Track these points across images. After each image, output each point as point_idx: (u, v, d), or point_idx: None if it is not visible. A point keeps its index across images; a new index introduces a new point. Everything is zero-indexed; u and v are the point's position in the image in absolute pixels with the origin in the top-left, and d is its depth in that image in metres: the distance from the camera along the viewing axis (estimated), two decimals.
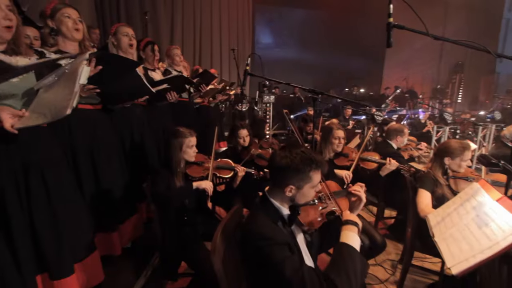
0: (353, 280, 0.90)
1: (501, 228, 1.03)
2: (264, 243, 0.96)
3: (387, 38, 1.41)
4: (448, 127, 4.79)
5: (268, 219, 1.05)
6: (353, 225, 1.05)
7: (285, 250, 0.97)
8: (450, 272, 1.91)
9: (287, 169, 1.04)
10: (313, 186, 1.08)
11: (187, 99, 2.91)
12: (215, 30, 7.06)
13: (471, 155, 1.88)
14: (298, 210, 1.11)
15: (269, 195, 1.12)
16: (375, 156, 2.28)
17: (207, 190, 1.78)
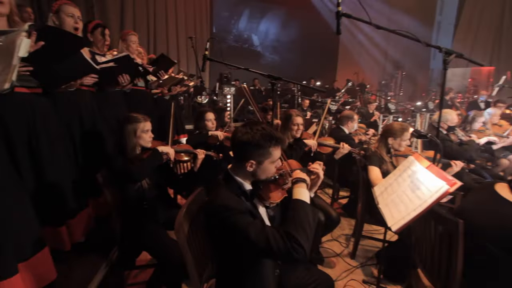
0: (308, 230, 1.00)
1: (429, 189, 1.22)
2: (228, 213, 1.01)
3: (336, 26, 1.53)
4: (392, 115, 5.36)
5: (231, 193, 1.09)
6: (301, 182, 1.13)
7: (248, 217, 1.03)
8: (392, 239, 2.18)
9: (248, 144, 1.08)
10: (273, 161, 1.13)
11: (143, 87, 2.76)
12: (170, 16, 6.71)
13: (409, 136, 2.15)
14: (259, 185, 1.17)
15: (231, 172, 1.16)
16: (330, 141, 2.46)
17: (169, 155, 1.78)
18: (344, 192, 3.48)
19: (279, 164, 1.17)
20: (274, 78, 1.82)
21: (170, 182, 1.96)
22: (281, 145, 1.13)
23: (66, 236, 1.71)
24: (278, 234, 0.98)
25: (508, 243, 1.06)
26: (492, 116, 3.99)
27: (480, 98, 6.58)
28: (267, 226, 1.03)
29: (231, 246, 1.06)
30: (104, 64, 1.95)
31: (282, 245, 0.95)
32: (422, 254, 1.48)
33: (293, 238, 0.96)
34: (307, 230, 0.99)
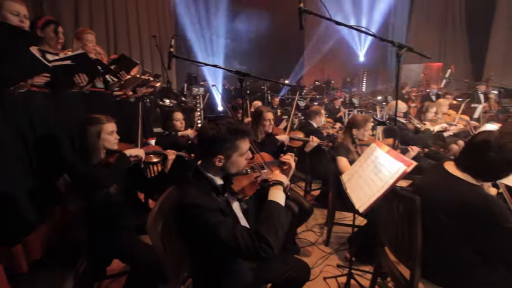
0: (279, 231, 1.02)
1: (389, 171, 1.32)
2: (198, 211, 1.00)
3: (299, 22, 1.59)
4: (356, 109, 5.67)
5: (200, 190, 1.08)
6: (278, 184, 1.16)
7: (218, 215, 1.03)
8: (362, 224, 2.31)
9: (214, 139, 1.08)
10: (241, 154, 1.14)
11: (103, 89, 2.61)
12: (131, 14, 6.37)
13: (371, 126, 2.30)
14: (231, 179, 1.17)
15: (201, 168, 1.15)
16: (300, 135, 2.55)
17: (139, 157, 1.70)
18: (317, 184, 3.62)
19: (249, 156, 1.18)
20: (242, 75, 1.84)
21: (140, 185, 1.88)
22: (248, 137, 1.14)
23: (22, 256, 1.55)
24: (247, 233, 0.99)
25: (457, 212, 1.18)
26: (442, 107, 4.41)
27: (432, 91, 7.23)
28: (237, 225, 1.04)
29: (203, 244, 1.05)
30: (57, 61, 1.80)
31: (251, 244, 0.97)
32: (387, 233, 1.60)
33: (262, 237, 0.98)
34: (278, 231, 1.01)
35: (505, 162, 1.13)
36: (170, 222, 1.22)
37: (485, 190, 1.29)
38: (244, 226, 1.08)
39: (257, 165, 1.25)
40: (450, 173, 1.27)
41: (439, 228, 1.27)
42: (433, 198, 1.28)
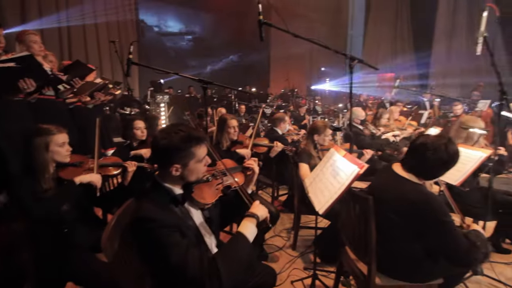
0: (236, 268, 1.01)
1: (345, 173, 1.42)
2: (151, 225, 0.96)
3: (259, 33, 1.65)
4: (319, 116, 5.95)
5: (156, 203, 1.04)
6: (252, 217, 1.13)
7: (173, 234, 0.98)
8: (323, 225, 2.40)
9: (167, 149, 1.05)
10: (198, 161, 1.10)
11: (53, 96, 2.40)
12: (88, 18, 6.00)
13: (331, 132, 2.44)
14: (191, 188, 1.14)
15: (158, 179, 1.11)
16: (265, 141, 2.60)
17: (94, 184, 1.57)
18: (284, 190, 3.70)
19: (208, 162, 1.16)
20: (205, 83, 1.84)
21: (96, 200, 1.76)
22: (203, 143, 1.12)
23: None
24: (199, 260, 0.97)
25: (403, 210, 1.30)
26: (394, 113, 4.82)
27: (386, 98, 7.88)
28: (192, 249, 1.00)
29: (154, 260, 1.00)
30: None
31: (198, 274, 0.95)
32: (347, 233, 1.69)
33: (215, 268, 0.96)
34: (234, 267, 1.00)
35: (440, 162, 1.28)
36: (129, 236, 1.16)
37: (427, 188, 1.44)
38: (199, 251, 1.02)
39: (219, 172, 1.25)
40: (397, 174, 1.40)
41: (391, 225, 1.38)
42: (384, 198, 1.39)
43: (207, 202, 1.18)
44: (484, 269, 2.10)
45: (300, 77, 11.90)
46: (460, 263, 1.34)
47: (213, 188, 1.22)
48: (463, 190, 2.03)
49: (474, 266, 1.35)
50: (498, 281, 2.04)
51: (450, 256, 1.31)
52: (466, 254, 1.26)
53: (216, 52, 9.70)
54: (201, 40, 10.07)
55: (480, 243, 1.32)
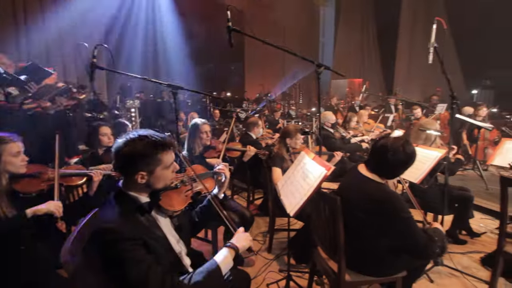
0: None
1: (314, 175, 1.47)
2: (113, 237, 0.92)
3: (228, 40, 1.67)
4: (293, 120, 6.09)
5: (119, 213, 1.00)
6: (232, 249, 1.12)
7: (136, 249, 0.95)
8: (298, 227, 2.45)
9: (131, 156, 1.02)
10: (166, 167, 1.07)
11: (4, 101, 2.21)
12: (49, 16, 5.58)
13: (303, 136, 2.51)
14: (158, 195, 1.11)
15: (123, 188, 1.07)
16: (238, 145, 2.61)
17: (54, 213, 1.43)
18: (259, 194, 3.73)
19: (176, 168, 1.13)
20: (175, 88, 1.82)
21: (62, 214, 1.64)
22: (170, 148, 1.09)
23: None
24: (161, 280, 0.94)
25: (368, 208, 1.38)
26: (363, 116, 5.08)
27: (356, 102, 8.27)
28: (156, 267, 0.96)
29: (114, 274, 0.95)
30: None
31: None
32: (319, 233, 1.74)
33: None
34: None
35: (399, 162, 1.38)
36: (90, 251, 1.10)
37: (390, 187, 1.54)
38: (164, 270, 0.99)
39: (188, 178, 1.23)
40: (362, 174, 1.48)
41: (358, 223, 1.45)
42: (351, 197, 1.46)
43: (175, 210, 1.15)
44: (444, 260, 2.28)
45: (275, 81, 12.13)
46: (419, 256, 1.44)
47: (182, 195, 1.19)
48: (423, 187, 2.19)
49: (431, 259, 1.45)
50: (456, 270, 2.21)
51: (410, 250, 1.41)
52: (424, 248, 1.36)
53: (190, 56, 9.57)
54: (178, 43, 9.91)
55: (437, 238, 1.43)
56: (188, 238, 1.34)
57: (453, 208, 2.54)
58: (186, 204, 1.19)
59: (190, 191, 1.21)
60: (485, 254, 2.39)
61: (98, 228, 0.96)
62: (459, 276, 2.17)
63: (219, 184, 1.39)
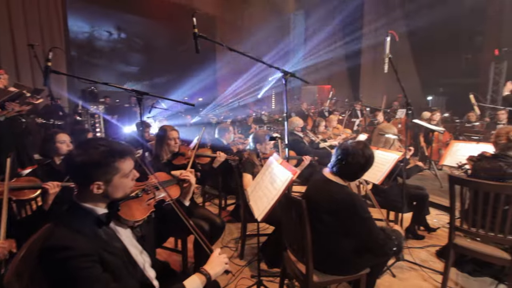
0: None
1: (281, 179, 1.50)
2: (64, 254, 0.86)
3: (195, 46, 1.67)
4: (265, 125, 6.18)
5: (72, 227, 0.94)
6: (204, 275, 1.09)
7: (91, 266, 0.89)
8: (269, 231, 2.47)
9: (85, 166, 0.97)
10: (124, 175, 1.03)
11: None
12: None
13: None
14: (117, 206, 1.06)
15: (77, 200, 1.01)
16: (208, 151, 2.58)
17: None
18: (232, 200, 3.70)
19: (136, 176, 1.09)
20: (140, 94, 1.77)
21: (9, 229, 1.50)
22: (128, 156, 1.05)
23: None
24: None
25: (332, 210, 1.44)
26: (332, 121, 5.30)
27: (325, 108, 8.62)
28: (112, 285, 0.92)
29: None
30: None
31: None
32: (288, 236, 1.78)
33: None
34: None
35: (359, 166, 1.47)
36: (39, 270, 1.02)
37: (352, 188, 1.62)
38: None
39: (150, 186, 1.19)
40: (326, 177, 1.54)
41: (323, 225, 1.50)
42: (316, 200, 1.52)
43: (137, 219, 1.10)
44: (405, 255, 2.44)
45: (249, 87, 12.25)
46: (377, 253, 1.52)
47: (144, 204, 1.14)
48: (384, 188, 2.33)
49: (389, 256, 1.54)
50: (415, 264, 2.37)
51: (370, 247, 1.49)
52: (382, 246, 1.45)
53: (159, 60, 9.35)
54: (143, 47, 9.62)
55: (394, 237, 1.54)
56: (153, 248, 1.30)
57: (411, 206, 2.74)
58: (148, 213, 1.14)
59: (152, 200, 1.17)
60: (440, 247, 2.59)
61: (47, 245, 0.88)
62: (418, 269, 2.33)
63: (184, 191, 1.36)
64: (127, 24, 9.19)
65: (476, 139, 3.82)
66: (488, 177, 1.94)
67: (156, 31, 9.51)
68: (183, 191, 1.35)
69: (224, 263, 1.16)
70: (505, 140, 1.93)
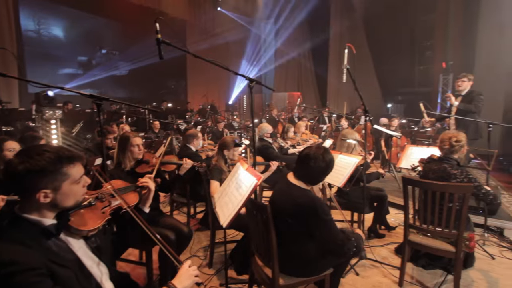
0: None
1: (246, 185, 1.52)
2: (7, 270, 0.79)
3: (158, 52, 1.65)
4: (236, 131, 6.19)
5: (15, 241, 0.87)
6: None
7: (39, 282, 0.83)
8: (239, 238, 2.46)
9: (29, 174, 0.90)
10: (74, 181, 0.98)
11: None
12: None
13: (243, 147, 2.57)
14: (67, 215, 0.99)
15: (20, 212, 0.93)
16: (174, 158, 2.51)
17: None
18: (202, 207, 3.64)
19: (87, 182, 1.04)
20: (98, 99, 1.68)
21: None
22: (78, 161, 0.99)
23: None
24: None
25: (296, 213, 1.48)
26: (300, 127, 5.48)
27: (294, 114, 8.88)
28: None
29: None
30: None
31: None
32: (255, 241, 1.79)
33: None
34: None
35: (320, 170, 1.54)
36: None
37: (315, 192, 1.69)
38: None
39: (105, 194, 1.13)
40: (290, 182, 1.59)
41: (287, 228, 1.54)
42: (280, 204, 1.56)
43: (90, 229, 1.04)
44: (367, 254, 2.58)
45: (219, 92, 12.21)
46: (336, 253, 1.59)
47: (98, 212, 1.08)
48: (346, 190, 2.46)
49: (348, 256, 1.62)
50: (376, 261, 2.52)
51: (330, 248, 1.56)
52: (341, 245, 1.52)
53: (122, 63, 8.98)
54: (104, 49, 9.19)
55: (354, 238, 1.62)
56: (111, 259, 1.23)
57: (372, 207, 2.91)
58: (103, 221, 1.08)
59: (107, 208, 1.10)
60: (398, 244, 2.78)
61: None
62: (379, 266, 2.47)
63: (143, 197, 1.31)
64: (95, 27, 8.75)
65: (426, 143, 4.21)
66: (435, 178, 2.14)
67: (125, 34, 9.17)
68: (142, 198, 1.30)
69: (193, 276, 1.12)
70: (448, 146, 2.15)
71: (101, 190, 1.17)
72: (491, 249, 2.71)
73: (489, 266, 2.47)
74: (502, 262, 2.52)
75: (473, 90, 3.75)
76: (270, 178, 2.79)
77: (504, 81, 6.60)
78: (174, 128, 4.31)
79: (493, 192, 2.10)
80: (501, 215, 3.14)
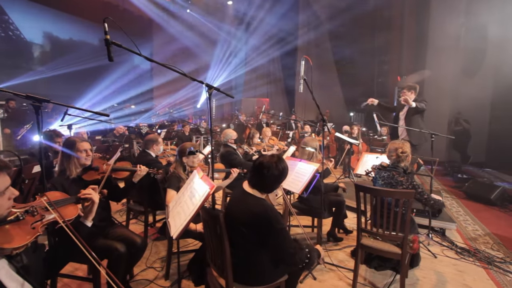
0: None
1: (199, 194, 1.48)
2: None
3: (108, 53, 1.55)
4: (203, 136, 6.07)
5: None
6: None
7: None
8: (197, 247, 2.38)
9: None
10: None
11: None
12: None
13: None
14: None
15: None
16: (127, 165, 2.35)
17: None
18: (162, 215, 3.48)
19: (14, 195, 0.94)
20: (37, 101, 1.53)
21: None
22: (3, 171, 0.91)
23: None
24: None
25: (249, 222, 1.47)
26: (267, 133, 5.54)
27: (263, 120, 8.98)
28: None
29: None
30: None
31: None
32: (210, 251, 1.74)
33: None
34: None
35: (274, 178, 1.55)
36: None
37: (271, 201, 1.70)
38: None
39: (37, 207, 1.02)
40: (245, 190, 1.58)
41: (242, 238, 1.52)
42: (235, 213, 1.54)
43: (15, 246, 0.93)
44: (325, 258, 2.66)
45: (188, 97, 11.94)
46: (287, 262, 1.61)
47: (27, 228, 0.96)
48: (304, 197, 2.52)
49: (300, 266, 1.64)
50: (333, 265, 2.60)
51: (282, 256, 1.57)
52: (293, 254, 1.54)
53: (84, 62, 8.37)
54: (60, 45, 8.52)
55: (308, 249, 1.65)
56: (41, 279, 1.11)
57: (331, 212, 3.02)
58: (32, 238, 0.96)
59: (39, 223, 0.99)
60: (354, 247, 2.91)
61: None
62: (335, 270, 2.56)
63: (86, 210, 1.21)
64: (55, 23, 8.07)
65: (379, 151, 4.51)
66: (384, 184, 2.29)
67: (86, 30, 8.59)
68: (84, 211, 1.20)
69: None
70: (395, 156, 2.32)
71: (33, 203, 1.05)
72: (434, 249, 2.95)
73: (432, 264, 2.69)
74: (443, 260, 2.76)
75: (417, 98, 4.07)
76: (234, 185, 2.76)
77: (449, 96, 7.42)
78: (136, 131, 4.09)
79: (433, 197, 2.30)
80: (443, 217, 3.45)
